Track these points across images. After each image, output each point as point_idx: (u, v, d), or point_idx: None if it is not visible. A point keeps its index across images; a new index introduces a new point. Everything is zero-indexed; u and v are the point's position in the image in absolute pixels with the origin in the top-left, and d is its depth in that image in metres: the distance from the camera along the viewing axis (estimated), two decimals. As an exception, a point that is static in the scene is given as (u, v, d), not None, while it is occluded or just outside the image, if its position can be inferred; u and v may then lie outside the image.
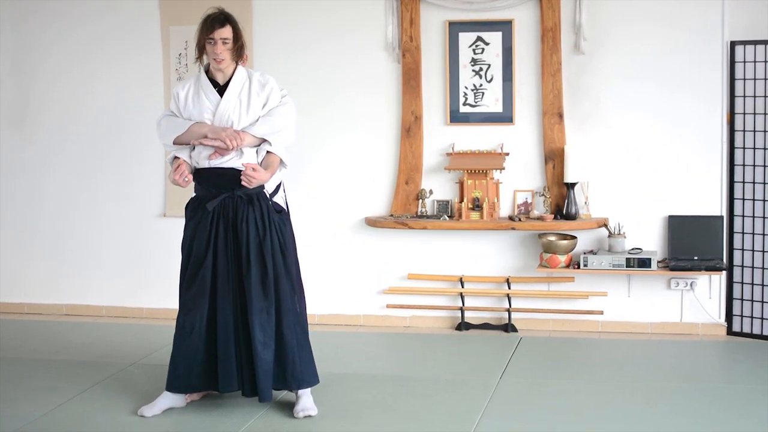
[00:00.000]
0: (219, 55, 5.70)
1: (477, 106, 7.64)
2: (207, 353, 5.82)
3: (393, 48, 7.69)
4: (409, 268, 7.84)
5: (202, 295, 5.78)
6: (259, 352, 5.70)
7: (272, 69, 7.63)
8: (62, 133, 8.33)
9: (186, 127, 5.78)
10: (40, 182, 8.44)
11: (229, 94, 5.76)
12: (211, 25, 5.69)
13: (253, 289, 5.70)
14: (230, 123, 5.73)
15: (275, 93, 5.85)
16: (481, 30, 7.58)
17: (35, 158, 8.43)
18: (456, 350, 7.24)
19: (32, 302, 8.53)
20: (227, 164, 5.74)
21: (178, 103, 5.85)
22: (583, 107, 7.52)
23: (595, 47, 7.45)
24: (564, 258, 7.41)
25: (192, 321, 5.81)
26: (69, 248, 8.40)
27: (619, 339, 7.42)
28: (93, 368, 6.82)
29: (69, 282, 8.43)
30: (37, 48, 8.34)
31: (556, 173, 7.52)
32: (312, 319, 7.75)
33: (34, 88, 8.38)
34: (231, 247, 5.76)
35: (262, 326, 5.71)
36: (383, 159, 7.83)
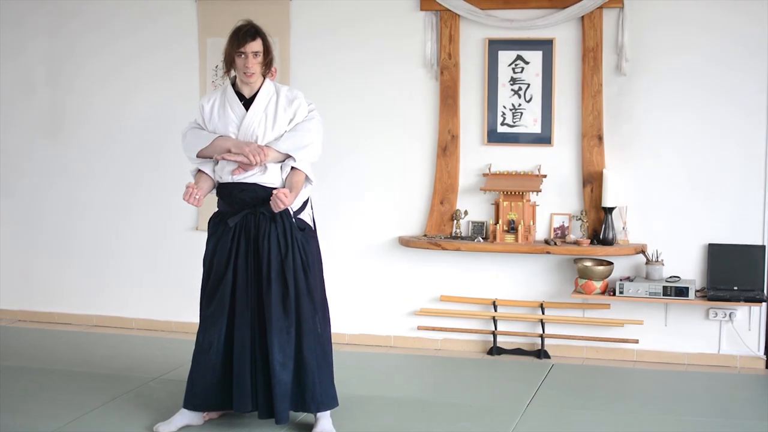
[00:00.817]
0: (249, 68, 5.70)
1: (515, 126, 7.59)
2: (224, 371, 5.83)
3: (431, 65, 7.67)
4: (441, 290, 7.80)
5: (221, 312, 5.79)
6: (277, 373, 5.69)
7: (307, 82, 7.84)
8: (98, 144, 8.42)
9: (210, 140, 5.78)
10: (75, 192, 8.51)
11: (255, 108, 5.77)
12: (243, 38, 5.69)
13: (273, 307, 5.69)
14: (255, 137, 5.73)
15: (302, 108, 5.84)
16: (522, 49, 7.54)
17: (71, 168, 8.51)
18: (485, 375, 7.19)
19: (63, 312, 8.60)
20: (250, 179, 5.74)
21: (204, 115, 5.86)
22: (623, 130, 7.45)
23: (637, 68, 7.38)
24: (600, 284, 7.33)
25: (210, 338, 5.82)
26: (101, 259, 8.46)
27: (654, 369, 7.33)
28: (114, 382, 6.85)
29: (100, 293, 8.49)
30: (74, 57, 8.43)
31: (594, 197, 7.45)
32: (342, 339, 7.88)
33: (69, 98, 8.46)
34: (252, 264, 5.75)
35: (281, 346, 5.70)
36: (418, 178, 7.80)
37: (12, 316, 8.72)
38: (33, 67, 8.55)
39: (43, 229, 8.63)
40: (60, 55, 8.46)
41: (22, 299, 8.70)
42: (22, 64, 8.56)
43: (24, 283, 8.70)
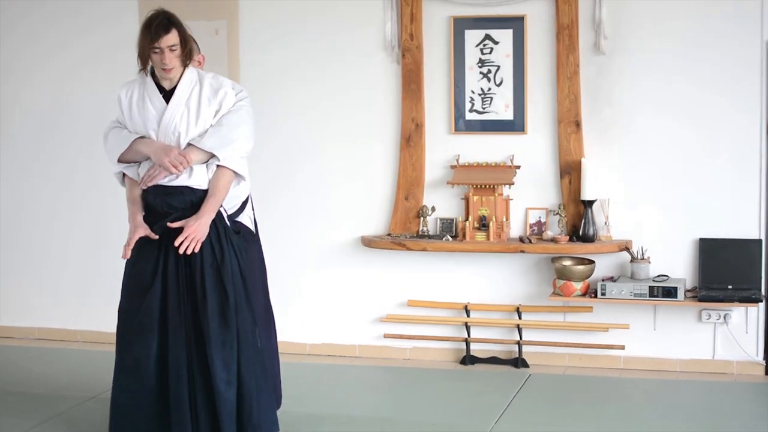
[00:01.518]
0: (167, 64, 5.22)
1: (485, 112, 7.09)
2: (158, 394, 5.31)
3: (392, 47, 7.17)
4: (408, 294, 7.32)
5: (149, 327, 5.28)
6: (221, 392, 5.20)
7: (257, 69, 7.44)
8: (36, 140, 7.96)
9: (128, 142, 5.31)
10: (12, 195, 8.08)
11: (175, 101, 5.28)
12: (156, 33, 5.17)
13: (211, 320, 5.20)
14: (177, 134, 5.25)
15: (229, 98, 5.35)
16: (490, 27, 7.05)
17: (6, 168, 8.07)
18: (454, 388, 6.71)
19: (2, 324, 8.14)
20: (176, 182, 5.27)
21: (122, 108, 5.39)
22: (603, 115, 6.96)
23: (616, 47, 6.89)
24: (580, 285, 6.81)
25: (137, 356, 5.30)
26: (43, 266, 8.03)
27: (643, 378, 6.85)
28: (47, 402, 6.41)
29: (42, 303, 8.02)
30: (6, 44, 7.98)
31: (573, 189, 6.94)
32: (302, 350, 7.48)
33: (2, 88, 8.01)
34: (183, 274, 5.27)
35: (225, 362, 5.21)
36: (381, 171, 7.33)
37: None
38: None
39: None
40: (4, 48, 8.00)
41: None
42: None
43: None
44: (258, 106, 7.27)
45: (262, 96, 7.36)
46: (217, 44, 7.40)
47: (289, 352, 7.42)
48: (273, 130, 7.37)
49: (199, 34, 7.31)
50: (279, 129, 7.39)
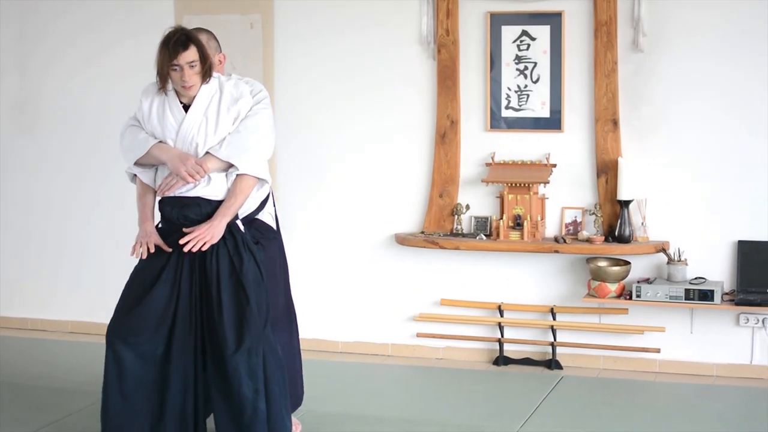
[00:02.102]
0: (187, 81, 5.12)
1: (521, 110, 7.02)
2: (157, 404, 5.20)
3: (428, 42, 7.11)
4: (442, 293, 7.26)
5: (152, 336, 5.17)
6: (251, 401, 5.08)
7: (292, 63, 7.40)
8: (69, 136, 7.99)
9: (146, 148, 5.25)
10: (39, 188, 8.12)
11: (194, 111, 5.20)
12: (174, 50, 5.07)
13: (232, 330, 5.09)
14: (195, 144, 5.18)
15: (245, 103, 5.26)
16: (527, 23, 6.96)
17: (38, 162, 8.12)
18: (484, 389, 6.65)
19: (38, 317, 8.18)
20: (192, 193, 5.21)
21: (142, 113, 5.31)
22: (641, 113, 6.86)
23: (656, 44, 6.78)
24: (615, 287, 6.73)
25: (129, 365, 5.16)
26: (73, 260, 8.06)
27: (678, 382, 6.75)
28: (72, 396, 6.44)
29: (75, 296, 8.04)
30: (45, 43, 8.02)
31: (609, 189, 6.85)
32: (335, 347, 7.48)
33: (40, 87, 8.05)
34: (197, 289, 5.19)
35: (252, 371, 5.09)
36: (415, 168, 7.27)
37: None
38: (0, 53, 8.11)
39: (6, 227, 8.21)
40: (30, 41, 8.03)
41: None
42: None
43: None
44: (292, 100, 7.41)
45: (296, 90, 7.40)
46: (252, 38, 7.40)
47: (321, 349, 7.44)
48: (307, 125, 7.38)
49: (233, 28, 7.40)
50: (313, 124, 7.37)
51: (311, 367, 6.82)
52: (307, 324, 7.34)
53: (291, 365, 5.67)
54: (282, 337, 5.61)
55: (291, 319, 5.75)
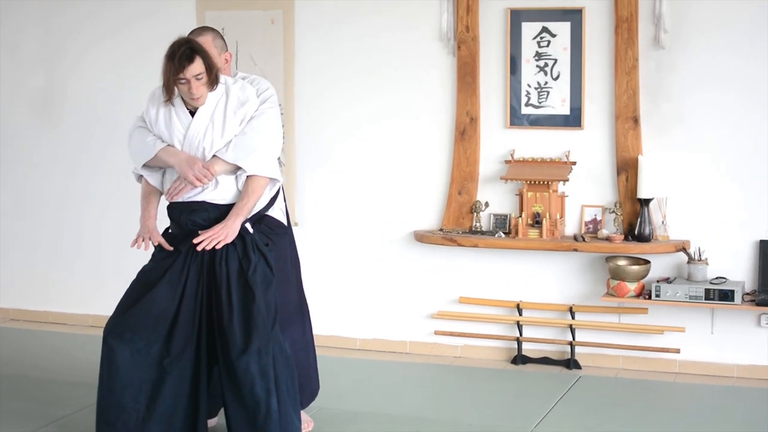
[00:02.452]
0: (195, 93, 5.12)
1: (541, 107, 6.97)
2: (151, 403, 5.22)
3: (448, 39, 7.08)
4: (460, 291, 7.23)
5: (151, 336, 5.19)
6: (263, 401, 5.09)
7: (312, 59, 7.42)
8: (95, 129, 7.99)
9: (154, 152, 5.26)
10: (70, 183, 8.13)
11: (200, 117, 5.21)
12: (180, 64, 5.05)
13: (243, 331, 5.10)
14: (202, 149, 5.19)
15: (251, 104, 5.25)
16: (548, 20, 6.92)
17: (66, 156, 8.13)
18: (501, 388, 6.63)
19: (58, 311, 8.22)
20: (199, 197, 5.21)
21: (149, 119, 5.32)
22: (662, 110, 6.79)
23: (677, 41, 6.71)
24: (634, 286, 6.68)
25: (121, 362, 5.18)
26: (101, 254, 8.06)
27: (698, 383, 6.69)
28: (87, 390, 6.36)
29: (98, 291, 8.05)
30: (69, 36, 8.03)
31: (630, 187, 6.80)
32: (353, 344, 7.48)
33: (64, 79, 8.07)
34: (203, 292, 5.20)
35: (263, 371, 5.10)
36: (434, 165, 7.24)
37: (4, 314, 8.37)
38: (26, 46, 8.15)
39: (36, 222, 8.24)
40: (55, 34, 8.06)
41: (16, 297, 8.33)
42: (15, 43, 8.18)
43: (18, 280, 8.33)
44: (311, 96, 7.40)
45: (315, 86, 7.40)
46: (273, 34, 7.39)
47: (339, 346, 7.43)
48: (326, 122, 7.38)
49: (254, 23, 7.41)
50: (332, 120, 7.37)
51: (328, 364, 6.84)
52: (325, 320, 7.38)
53: (305, 359, 5.69)
54: (295, 331, 5.63)
55: (304, 313, 5.76)
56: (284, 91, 7.37)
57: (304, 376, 5.63)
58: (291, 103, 7.40)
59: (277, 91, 7.20)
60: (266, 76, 7.24)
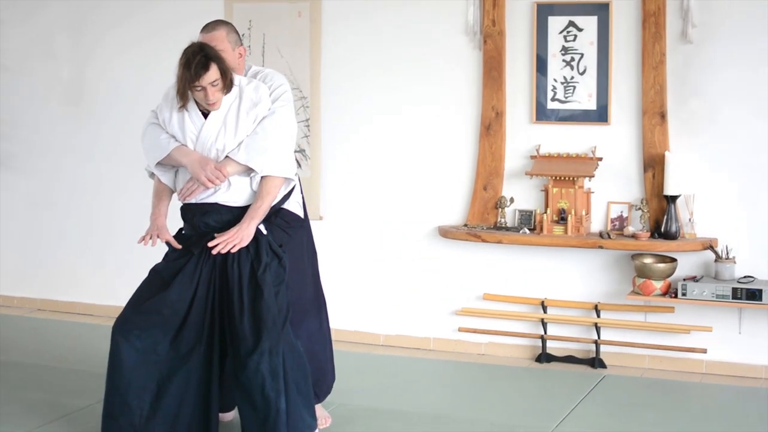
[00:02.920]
0: (211, 99, 5.09)
1: (567, 102, 6.90)
2: (155, 398, 5.21)
3: (474, 33, 7.02)
4: (485, 288, 7.17)
5: (161, 331, 5.18)
6: (274, 402, 5.06)
7: (339, 52, 7.40)
8: (125, 119, 7.96)
9: (167, 151, 5.23)
10: (99, 172, 8.15)
11: (213, 119, 5.17)
12: (196, 72, 5.02)
13: (248, 332, 5.08)
14: (214, 150, 5.16)
15: (264, 104, 5.21)
16: (574, 14, 6.85)
17: (95, 145, 8.16)
18: (523, 387, 6.56)
19: (85, 302, 8.25)
20: (211, 199, 5.18)
21: (163, 118, 5.30)
22: (689, 106, 6.70)
23: (705, 35, 6.63)
24: (660, 284, 6.59)
25: (127, 356, 5.17)
26: (129, 245, 7.92)
27: (725, 384, 6.59)
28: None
29: (126, 282, 7.91)
30: (96, 24, 8.07)
31: (656, 183, 6.71)
32: (377, 340, 7.45)
33: (91, 68, 8.11)
34: (215, 294, 5.18)
35: (273, 371, 5.07)
36: (459, 160, 7.18)
37: (32, 305, 8.40)
38: (53, 34, 8.18)
39: (66, 212, 8.26)
40: (81, 22, 8.09)
41: (43, 287, 8.36)
42: (41, 30, 8.21)
43: (44, 270, 8.37)
44: (337, 90, 7.36)
45: (342, 79, 7.38)
46: (300, 26, 7.36)
47: (363, 342, 7.40)
48: (351, 115, 7.36)
49: (281, 15, 7.40)
50: (357, 114, 7.35)
51: (351, 360, 6.84)
52: (349, 316, 7.39)
53: (321, 353, 5.68)
54: (312, 324, 5.62)
55: (320, 306, 5.73)
56: (311, 83, 7.35)
57: (320, 369, 5.62)
58: (317, 95, 7.37)
59: (303, 83, 7.30)
60: (293, 69, 7.31)
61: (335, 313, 7.26)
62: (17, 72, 8.30)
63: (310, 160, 7.39)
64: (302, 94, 7.31)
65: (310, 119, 7.36)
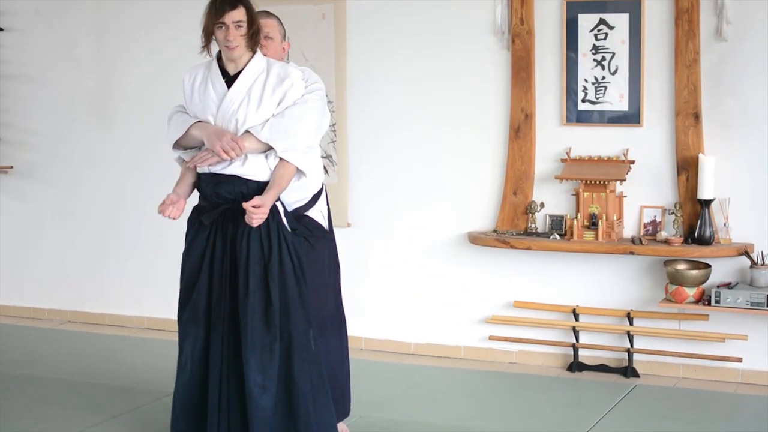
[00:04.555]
0: (232, 42, 5.05)
1: (598, 103, 6.74)
2: (201, 393, 5.22)
3: (502, 32, 6.88)
4: (515, 295, 7.03)
5: (194, 322, 5.20)
6: (255, 397, 5.04)
7: (364, 54, 7.30)
8: (152, 129, 7.86)
9: (185, 128, 5.18)
10: (126, 182, 8.10)
11: (238, 87, 5.11)
12: (221, 7, 5.04)
13: (251, 320, 5.04)
14: (235, 121, 5.09)
15: (295, 88, 5.13)
16: (605, 11, 6.69)
17: (121, 156, 8.10)
18: (552, 397, 6.41)
19: (114, 313, 8.20)
20: (227, 170, 5.11)
21: (185, 92, 5.27)
22: (724, 106, 6.53)
23: (740, 32, 6.44)
24: (693, 291, 6.41)
25: (186, 352, 5.25)
26: (156, 256, 7.97)
27: (761, 394, 6.40)
28: (126, 395, 6.41)
29: (153, 293, 8.01)
30: (122, 34, 8.03)
31: (690, 187, 6.53)
32: (407, 349, 7.33)
33: (117, 78, 8.06)
34: (227, 268, 5.13)
35: (262, 366, 5.05)
36: (488, 163, 7.05)
37: (62, 316, 8.37)
38: (78, 42, 8.14)
39: (92, 221, 8.22)
40: (108, 32, 8.05)
41: (73, 299, 8.32)
42: (67, 39, 8.17)
43: (72, 281, 8.32)
44: (363, 93, 7.24)
45: (368, 82, 7.28)
46: (324, 29, 7.27)
47: (393, 351, 7.30)
48: (378, 119, 7.25)
49: (305, 18, 7.29)
50: (384, 117, 7.23)
51: (380, 369, 6.78)
52: (379, 324, 7.31)
53: (340, 373, 5.54)
54: (332, 342, 5.48)
55: (341, 323, 5.59)
56: (336, 87, 7.24)
57: (338, 390, 5.45)
58: (343, 99, 7.26)
59: (329, 87, 7.16)
60: (317, 72, 7.11)
61: (365, 321, 7.23)
62: (39, 81, 8.27)
63: (337, 165, 7.28)
64: (328, 99, 7.19)
65: (336, 124, 7.25)
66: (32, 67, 8.27)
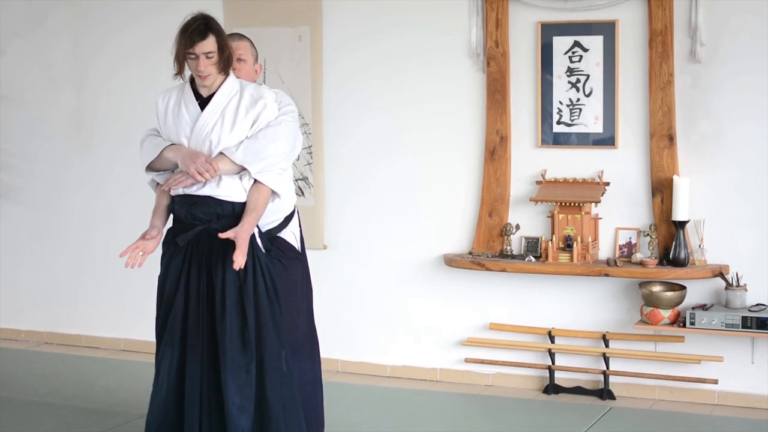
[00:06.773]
0: (202, 71, 5.02)
1: (573, 125, 6.74)
2: (177, 415, 5.17)
3: (477, 54, 6.87)
4: (491, 317, 7.00)
5: (171, 344, 5.15)
6: (234, 417, 5.00)
7: (340, 76, 7.28)
8: (127, 149, 7.82)
9: (159, 150, 5.15)
10: (99, 202, 8.08)
11: (210, 109, 5.08)
12: (191, 38, 4.99)
13: (229, 341, 5.01)
14: (209, 143, 5.06)
15: (268, 110, 5.11)
16: (580, 33, 6.69)
17: (97, 176, 8.08)
18: (528, 420, 6.39)
19: (91, 335, 8.16)
20: (202, 192, 5.08)
21: (158, 114, 5.23)
22: (699, 128, 6.52)
23: (715, 54, 6.44)
24: (668, 313, 6.40)
25: (162, 373, 5.20)
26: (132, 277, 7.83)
27: (737, 416, 6.37)
28: (101, 417, 6.38)
29: (129, 314, 7.97)
30: (99, 56, 8.02)
31: (665, 208, 6.53)
32: (383, 371, 7.30)
33: (95, 99, 8.04)
34: (204, 290, 5.10)
35: (239, 386, 5.02)
36: (463, 186, 7.04)
37: (38, 338, 8.34)
38: (55, 63, 8.14)
39: (69, 242, 8.20)
40: (85, 53, 8.04)
41: (49, 320, 8.29)
42: (44, 59, 8.17)
43: (51, 303, 8.29)
44: (340, 115, 7.25)
45: (344, 104, 7.28)
46: (300, 51, 7.26)
47: (369, 373, 7.26)
48: (354, 141, 7.23)
49: (281, 40, 7.29)
50: (360, 139, 7.22)
51: (355, 392, 6.73)
52: (354, 346, 7.28)
53: (313, 395, 5.51)
54: (305, 364, 5.45)
55: (314, 345, 5.56)
56: (312, 109, 7.24)
57: (311, 411, 5.42)
58: (319, 121, 7.26)
59: (305, 109, 7.17)
60: (294, 94, 7.20)
61: (341, 344, 7.19)
62: (16, 101, 8.26)
63: (313, 188, 7.27)
64: (304, 121, 7.19)
65: (312, 146, 7.24)
66: (8, 87, 8.25)
